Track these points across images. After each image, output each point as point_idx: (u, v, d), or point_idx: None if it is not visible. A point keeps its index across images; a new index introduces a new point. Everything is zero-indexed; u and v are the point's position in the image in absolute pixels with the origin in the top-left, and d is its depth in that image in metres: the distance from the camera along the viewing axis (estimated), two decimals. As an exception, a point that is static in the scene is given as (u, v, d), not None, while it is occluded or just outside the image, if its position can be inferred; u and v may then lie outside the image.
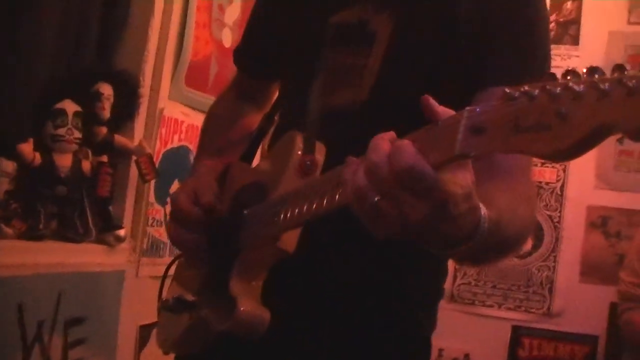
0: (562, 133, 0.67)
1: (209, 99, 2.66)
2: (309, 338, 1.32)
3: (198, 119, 2.68)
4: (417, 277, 1.36)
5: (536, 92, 0.70)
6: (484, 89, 1.17)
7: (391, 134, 0.85)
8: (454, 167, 0.81)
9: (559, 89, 0.68)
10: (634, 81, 0.62)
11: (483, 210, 0.89)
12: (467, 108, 0.79)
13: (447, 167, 0.81)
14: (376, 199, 0.83)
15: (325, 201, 1.01)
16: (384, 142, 0.83)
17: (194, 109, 2.73)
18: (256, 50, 1.58)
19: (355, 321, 1.32)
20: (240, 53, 1.63)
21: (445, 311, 3.78)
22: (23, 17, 2.08)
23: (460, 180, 0.82)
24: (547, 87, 0.69)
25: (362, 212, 0.85)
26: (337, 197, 0.98)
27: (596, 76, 0.66)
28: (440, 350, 3.94)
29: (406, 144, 0.81)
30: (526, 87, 0.71)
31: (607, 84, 0.64)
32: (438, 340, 1.40)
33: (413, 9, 1.29)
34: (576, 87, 0.66)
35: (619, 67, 0.64)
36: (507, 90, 0.73)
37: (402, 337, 1.35)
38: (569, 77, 0.68)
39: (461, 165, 0.82)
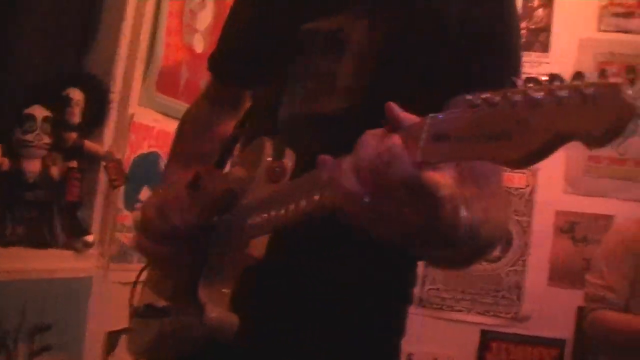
0: (522, 140, 0.68)
1: (179, 105, 2.65)
2: (297, 340, 1.33)
3: (169, 125, 2.67)
4: (397, 278, 1.38)
5: (497, 99, 0.70)
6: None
7: (381, 131, 0.86)
8: (438, 167, 0.82)
9: (518, 96, 0.68)
10: (591, 89, 0.63)
11: (463, 212, 0.90)
12: (430, 115, 0.79)
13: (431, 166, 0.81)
14: (367, 199, 0.83)
15: (293, 207, 1.02)
16: (373, 139, 0.84)
17: (164, 114, 2.72)
18: (230, 57, 1.58)
19: (336, 321, 1.32)
20: (215, 60, 1.62)
21: (415, 316, 3.79)
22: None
23: (445, 181, 0.82)
24: (508, 94, 0.69)
25: (349, 212, 0.86)
26: (303, 204, 0.99)
27: (556, 84, 0.66)
28: (410, 355, 3.95)
29: (397, 140, 0.82)
30: (487, 95, 0.72)
31: (565, 92, 0.65)
32: (407, 345, 1.41)
33: (389, 18, 1.29)
34: (535, 95, 0.67)
35: (578, 75, 0.65)
36: (469, 97, 0.74)
37: (377, 339, 1.36)
38: (529, 85, 0.68)
39: (445, 166, 0.82)
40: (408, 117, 0.84)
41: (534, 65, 4.04)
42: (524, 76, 0.71)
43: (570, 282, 3.88)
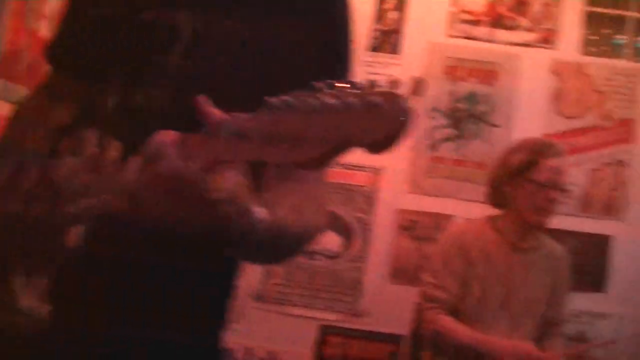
0: (312, 144, 0.76)
1: (21, 90, 2.62)
2: (118, 330, 1.32)
3: (9, 110, 2.63)
4: (218, 270, 1.38)
5: (294, 102, 0.77)
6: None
7: (172, 134, 0.92)
8: (224, 168, 0.89)
9: (314, 101, 0.76)
10: (375, 98, 0.71)
11: (259, 212, 0.98)
12: (232, 114, 0.86)
13: (217, 168, 0.88)
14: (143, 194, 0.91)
15: (109, 198, 1.09)
16: (158, 136, 0.92)
17: (4, 99, 2.67)
18: (67, 47, 1.57)
19: (157, 312, 1.33)
20: (51, 49, 1.62)
21: (255, 311, 3.92)
22: None
23: (226, 183, 0.89)
24: (304, 98, 0.77)
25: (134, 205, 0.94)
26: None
27: (349, 91, 0.73)
28: (250, 349, 3.99)
29: (168, 145, 0.88)
30: (286, 98, 0.78)
31: (354, 99, 0.72)
32: (248, 339, 1.45)
33: (223, 12, 1.33)
34: (329, 100, 0.75)
35: (370, 84, 0.72)
36: (270, 99, 0.80)
37: (200, 331, 1.39)
38: (326, 90, 0.76)
39: (231, 168, 0.90)
40: (215, 114, 0.90)
41: (384, 67, 4.19)
42: (375, 76, 0.78)
43: (409, 279, 4.01)
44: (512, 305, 3.17)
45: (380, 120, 0.71)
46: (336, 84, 0.75)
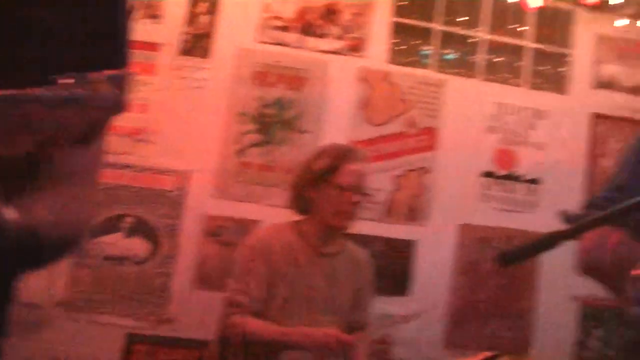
0: (26, 135, 0.79)
1: None
2: None
3: None
4: None
5: (13, 95, 0.82)
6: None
7: None
8: None
9: (31, 94, 0.81)
10: (83, 92, 0.76)
11: (7, 213, 1.00)
12: None
13: None
14: None
15: None
16: None
17: None
18: None
19: None
20: None
21: (62, 319, 3.86)
22: None
23: None
24: (25, 92, 0.82)
25: None
26: None
27: (68, 85, 0.78)
28: (55, 358, 3.92)
29: None
30: (8, 92, 0.83)
31: (64, 92, 0.76)
32: (53, 348, 1.41)
33: None
34: (43, 93, 0.78)
35: (87, 78, 0.77)
36: (7, 92, 0.84)
37: None
38: (54, 84, 0.79)
39: None
40: None
41: (194, 70, 4.28)
42: (185, 80, 0.82)
43: (216, 285, 4.04)
44: (316, 309, 3.26)
45: (87, 113, 0.75)
46: (59, 79, 0.79)
